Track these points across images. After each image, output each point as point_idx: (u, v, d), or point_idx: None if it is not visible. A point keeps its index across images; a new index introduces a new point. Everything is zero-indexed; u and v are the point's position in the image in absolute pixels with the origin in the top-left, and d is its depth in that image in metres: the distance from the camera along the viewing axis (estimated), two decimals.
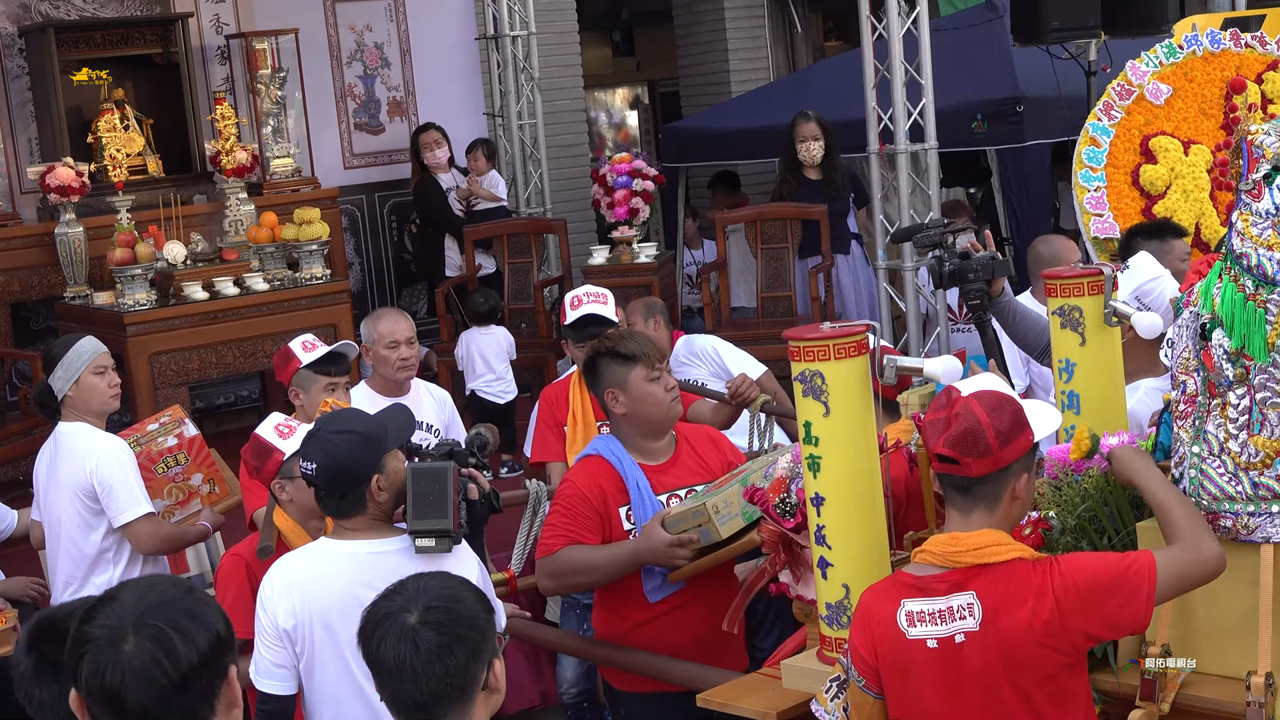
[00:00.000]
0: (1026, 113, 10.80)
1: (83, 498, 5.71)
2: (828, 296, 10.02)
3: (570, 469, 5.11)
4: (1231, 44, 7.73)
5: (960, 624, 3.42)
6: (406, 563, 4.14)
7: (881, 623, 3.53)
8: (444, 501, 4.15)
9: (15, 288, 10.28)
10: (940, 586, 3.45)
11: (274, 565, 4.36)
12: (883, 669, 3.55)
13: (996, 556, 3.43)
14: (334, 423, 4.36)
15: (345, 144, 12.42)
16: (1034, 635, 3.37)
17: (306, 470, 4.26)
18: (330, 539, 4.32)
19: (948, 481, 3.51)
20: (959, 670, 3.43)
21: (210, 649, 2.47)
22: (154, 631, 2.43)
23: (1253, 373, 3.48)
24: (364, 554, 4.21)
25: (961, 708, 3.45)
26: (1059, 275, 4.41)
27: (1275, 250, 3.43)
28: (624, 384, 4.97)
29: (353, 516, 4.25)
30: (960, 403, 3.46)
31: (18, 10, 10.96)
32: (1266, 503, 3.48)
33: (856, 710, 3.66)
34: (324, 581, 4.14)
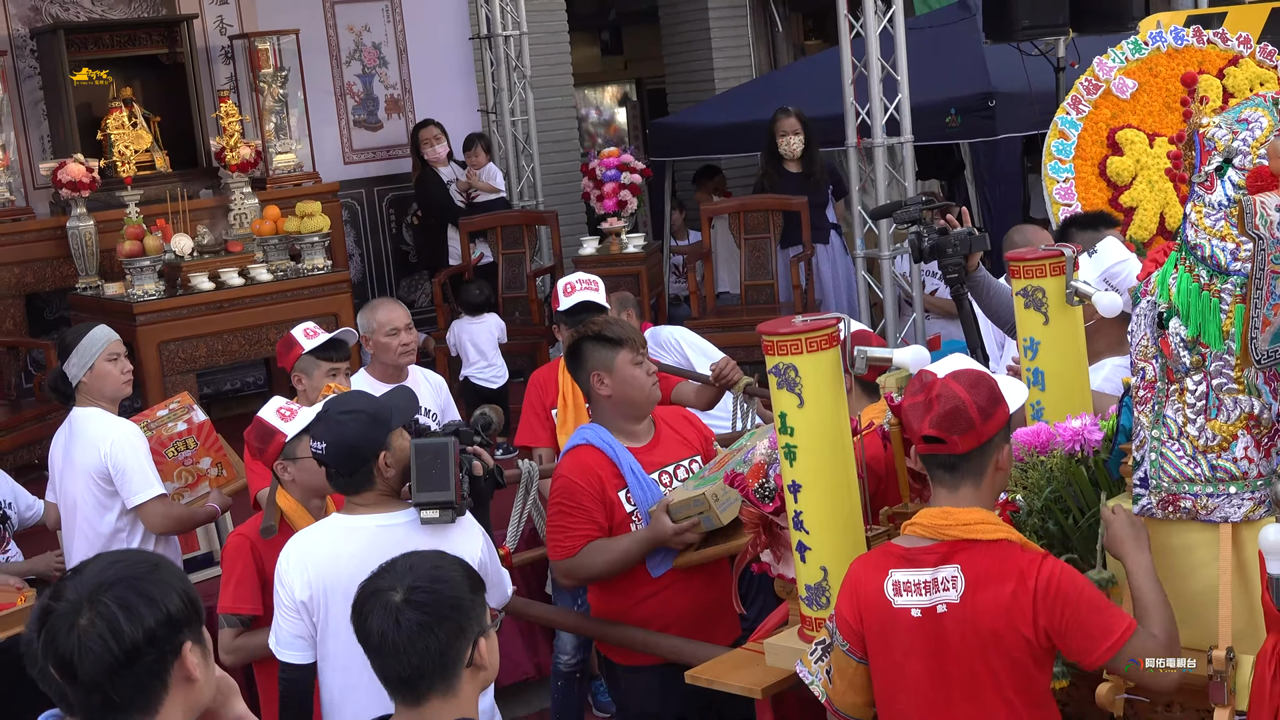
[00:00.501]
0: (998, 107, 10.79)
1: (97, 480, 5.72)
2: (808, 284, 10.04)
3: (561, 463, 5.04)
4: (1194, 40, 7.73)
5: (943, 595, 3.43)
6: (414, 535, 4.20)
7: (869, 591, 3.54)
8: (446, 474, 4.20)
9: (29, 279, 10.28)
10: (928, 558, 3.47)
11: (289, 542, 4.41)
12: (868, 636, 3.56)
13: (985, 534, 3.44)
14: (341, 404, 4.42)
15: (345, 140, 12.40)
16: (1008, 615, 3.37)
17: (317, 450, 4.31)
18: (341, 514, 4.37)
19: (934, 461, 3.51)
20: (940, 641, 3.44)
21: (158, 626, 2.49)
22: (104, 609, 2.46)
23: (1208, 359, 3.49)
24: (374, 528, 4.26)
25: (942, 677, 3.46)
26: (1022, 257, 4.43)
27: (1228, 241, 3.44)
28: (610, 367, 4.97)
29: (362, 493, 4.31)
30: (938, 384, 3.46)
31: (29, 12, 10.93)
32: (1224, 484, 3.49)
33: (839, 673, 3.67)
34: (337, 555, 4.17)
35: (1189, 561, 3.56)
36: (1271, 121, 3.51)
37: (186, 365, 9.38)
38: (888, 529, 4.15)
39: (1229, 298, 3.44)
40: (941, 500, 3.52)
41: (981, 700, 3.43)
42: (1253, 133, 3.49)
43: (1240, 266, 3.42)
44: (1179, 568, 3.58)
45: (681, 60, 15.52)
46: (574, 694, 6.29)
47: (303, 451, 4.86)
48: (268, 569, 4.81)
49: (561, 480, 4.97)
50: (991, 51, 10.92)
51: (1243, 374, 3.46)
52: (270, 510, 4.86)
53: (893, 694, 3.56)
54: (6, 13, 10.84)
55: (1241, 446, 3.47)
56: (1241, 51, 7.75)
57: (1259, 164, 3.44)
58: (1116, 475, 3.84)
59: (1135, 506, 3.61)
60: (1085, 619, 3.37)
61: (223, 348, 9.57)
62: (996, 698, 3.42)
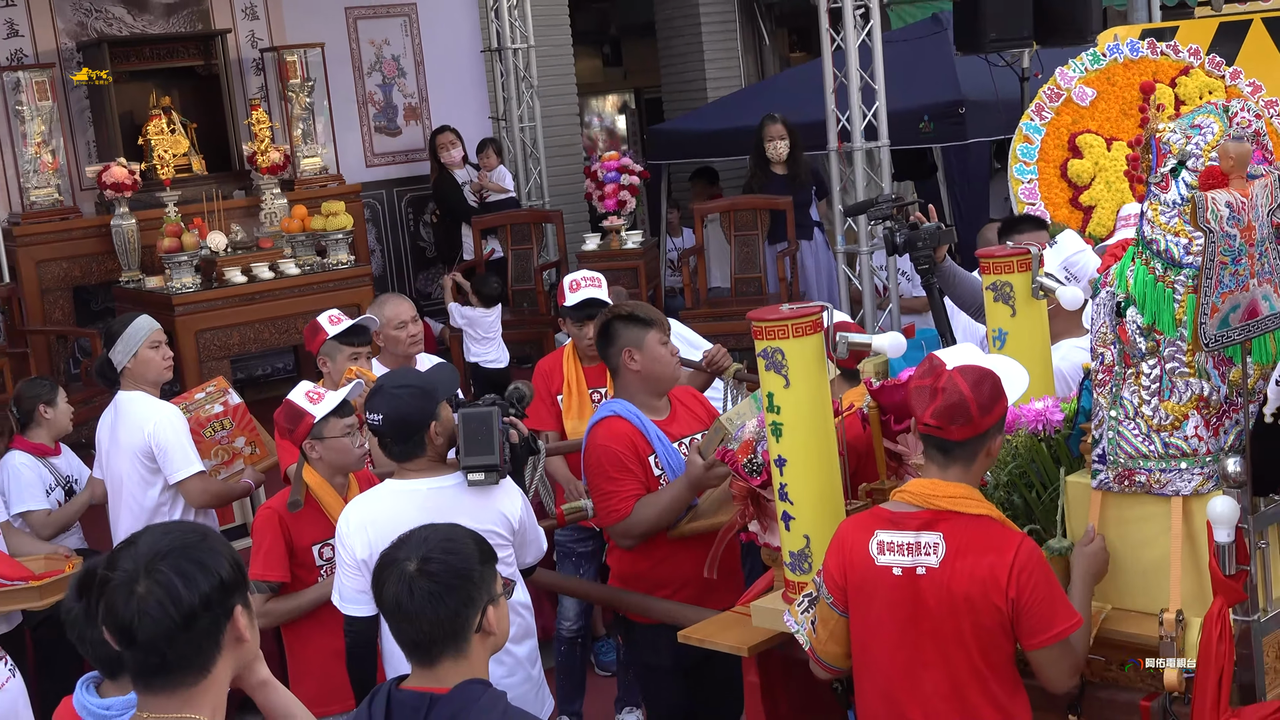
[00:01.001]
0: (968, 114, 10.79)
1: (142, 458, 5.72)
2: (793, 277, 10.03)
3: (595, 434, 4.96)
4: (1149, 52, 7.73)
5: (924, 559, 3.43)
6: (462, 496, 4.30)
7: (854, 548, 3.54)
8: (491, 440, 4.28)
9: (77, 273, 10.28)
10: (912, 522, 3.47)
11: (350, 506, 4.48)
12: (850, 590, 3.56)
13: (968, 508, 3.44)
14: (393, 380, 4.49)
15: (367, 145, 12.38)
16: (984, 585, 3.37)
17: (374, 421, 4.34)
18: (395, 480, 4.42)
19: (931, 441, 3.50)
20: (916, 600, 3.44)
21: (213, 591, 2.48)
22: (162, 577, 2.45)
23: (1162, 345, 3.49)
24: (425, 490, 4.32)
25: (914, 633, 3.46)
26: (992, 254, 4.43)
27: (1181, 236, 3.44)
28: (640, 345, 4.94)
29: (415, 459, 4.37)
30: (946, 376, 3.44)
31: (75, 28, 10.91)
32: (1176, 460, 3.49)
33: (823, 624, 3.68)
34: (394, 516, 4.12)
35: (1143, 532, 3.56)
36: (1221, 127, 3.51)
37: (221, 352, 9.38)
38: (865, 503, 4.15)
39: (1181, 289, 3.44)
40: (931, 474, 3.52)
41: (950, 661, 3.43)
42: (1205, 137, 3.49)
43: (1192, 260, 3.42)
44: (1134, 537, 3.58)
45: (676, 71, 15.50)
46: (576, 656, 6.29)
47: (330, 431, 4.86)
48: (294, 539, 4.83)
49: (599, 449, 4.89)
50: (961, 62, 10.91)
51: (1194, 359, 3.46)
52: (297, 486, 4.86)
53: (866, 645, 3.57)
54: (55, 28, 10.83)
55: (1192, 426, 3.48)
56: (1192, 62, 7.75)
57: (1210, 165, 3.44)
58: (1077, 453, 3.84)
59: (1094, 481, 3.62)
60: (1045, 603, 3.38)
61: (254, 336, 9.58)
62: (964, 659, 3.42)
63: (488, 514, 4.36)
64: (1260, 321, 3.45)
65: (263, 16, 11.71)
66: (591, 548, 6.15)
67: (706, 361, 6.07)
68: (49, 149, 10.25)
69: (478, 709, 2.87)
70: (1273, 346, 3.54)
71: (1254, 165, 3.51)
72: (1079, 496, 3.67)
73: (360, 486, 5.00)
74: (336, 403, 4.91)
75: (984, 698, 3.43)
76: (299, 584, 4.84)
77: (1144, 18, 10.73)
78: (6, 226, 10.18)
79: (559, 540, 6.10)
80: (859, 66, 9.42)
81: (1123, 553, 3.59)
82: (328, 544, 4.85)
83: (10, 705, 4.33)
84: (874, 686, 3.56)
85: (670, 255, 12.60)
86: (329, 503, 4.86)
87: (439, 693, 2.92)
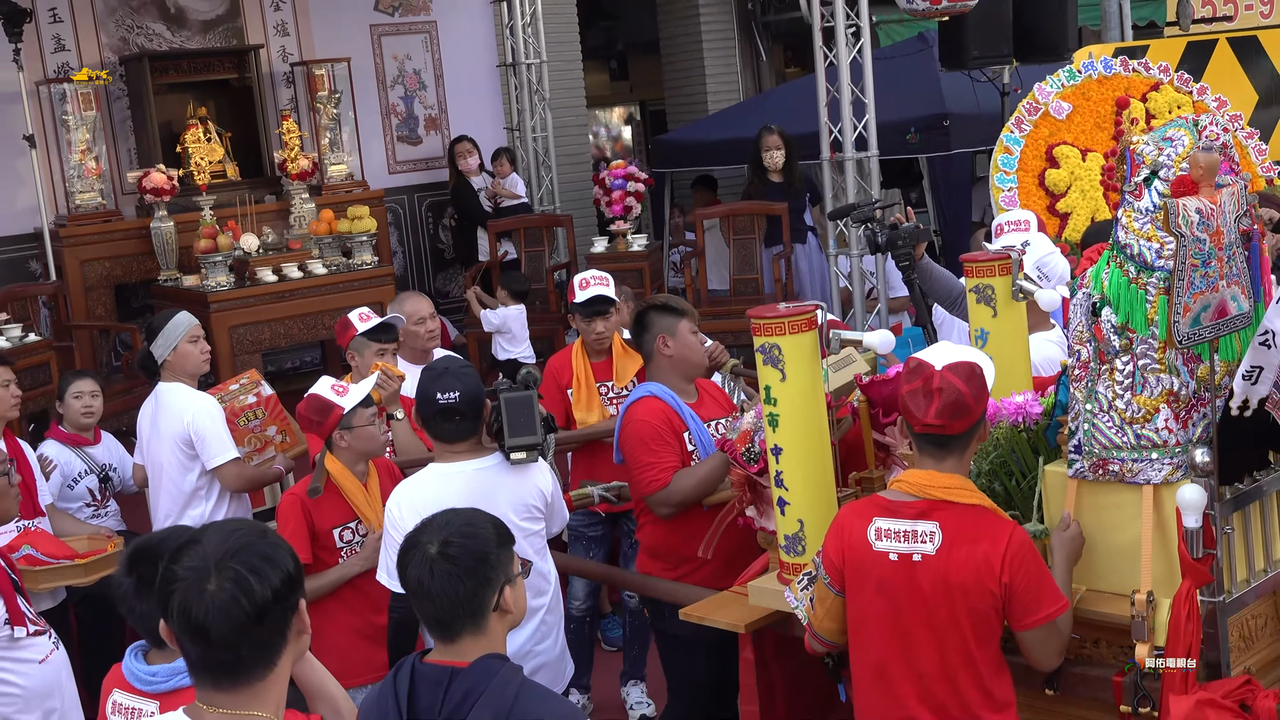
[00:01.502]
0: (952, 126, 10.77)
1: (181, 446, 5.70)
2: (788, 278, 10.00)
3: (632, 412, 4.88)
4: (1121, 69, 7.71)
5: (921, 546, 3.41)
6: (504, 475, 4.32)
7: (853, 533, 3.52)
8: (533, 421, 4.30)
9: (118, 272, 10.29)
10: (908, 511, 3.44)
11: (398, 489, 4.46)
12: (847, 573, 3.54)
13: (962, 498, 3.42)
14: (454, 363, 4.53)
15: (390, 153, 12.37)
16: (978, 572, 3.35)
17: (450, 399, 4.30)
18: (438, 464, 4.41)
19: (928, 439, 3.44)
20: (911, 585, 3.42)
21: (282, 585, 2.39)
22: (233, 573, 2.35)
23: (1135, 343, 3.48)
24: (471, 471, 4.33)
25: (908, 616, 3.44)
26: (975, 259, 4.41)
27: (1154, 241, 3.42)
28: (674, 332, 4.91)
29: (466, 440, 4.37)
30: (938, 376, 3.40)
31: (118, 43, 10.92)
32: (1147, 451, 3.48)
33: (820, 602, 3.66)
34: (442, 496, 4.07)
35: (1116, 518, 3.55)
36: (1191, 139, 3.50)
37: (253, 346, 9.39)
38: (855, 491, 4.15)
39: (1153, 290, 3.43)
40: (926, 466, 3.48)
41: (943, 642, 3.41)
42: (1176, 149, 3.48)
43: (1163, 263, 3.41)
44: (1108, 523, 3.57)
45: (679, 85, 15.48)
46: (585, 633, 6.27)
47: (358, 421, 4.86)
48: (316, 523, 4.82)
49: (638, 424, 4.82)
50: (946, 78, 10.89)
51: (1165, 356, 3.45)
52: (318, 474, 4.86)
53: (861, 625, 3.55)
54: (99, 43, 10.84)
55: (1163, 418, 3.46)
56: (1162, 79, 7.74)
57: (1181, 174, 3.44)
58: (1054, 443, 3.83)
59: (1070, 470, 3.60)
60: (1035, 588, 3.37)
61: (284, 331, 9.58)
62: (957, 641, 3.40)
63: (527, 490, 4.39)
64: (1229, 321, 3.45)
65: (293, 33, 11.71)
66: (601, 532, 6.14)
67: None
68: (93, 156, 10.25)
69: (496, 682, 2.86)
70: (1238, 345, 3.55)
71: (1222, 175, 3.50)
72: (1056, 484, 3.66)
73: (379, 473, 5.00)
74: (364, 394, 4.91)
75: (972, 677, 3.41)
76: (320, 565, 4.82)
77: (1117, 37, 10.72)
78: (53, 228, 10.18)
79: (571, 524, 6.08)
80: (850, 81, 9.40)
81: (1097, 537, 3.57)
82: (347, 527, 4.86)
83: (54, 675, 4.34)
84: (867, 665, 3.55)
85: (673, 258, 12.58)
86: (349, 489, 4.86)
87: (459, 666, 2.91)
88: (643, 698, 6.14)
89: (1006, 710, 3.45)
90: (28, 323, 9.13)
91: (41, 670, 4.27)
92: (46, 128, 10.44)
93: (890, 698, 3.50)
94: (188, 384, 5.82)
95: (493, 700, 2.84)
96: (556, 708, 2.94)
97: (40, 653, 4.26)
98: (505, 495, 4.31)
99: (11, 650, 4.17)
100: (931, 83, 11.18)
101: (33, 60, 10.34)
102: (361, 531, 4.86)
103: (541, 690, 2.99)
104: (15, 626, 4.17)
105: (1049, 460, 3.77)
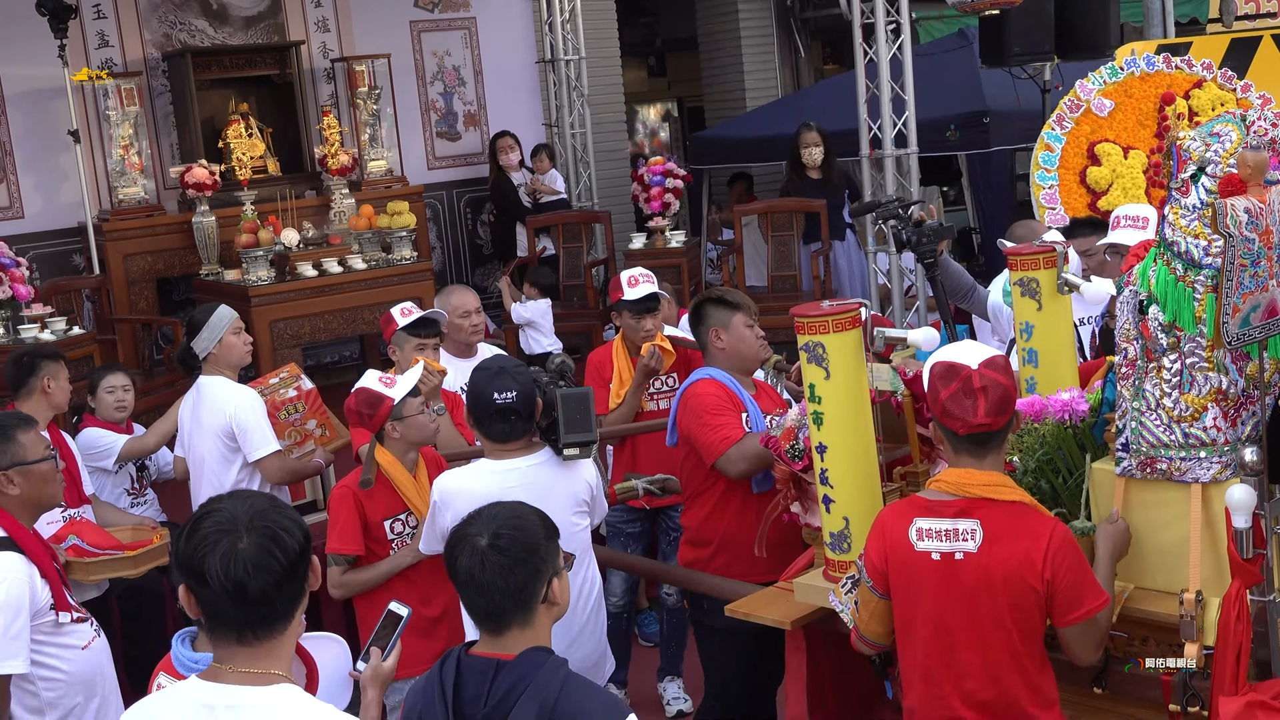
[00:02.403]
0: (992, 123, 10.73)
1: (223, 438, 5.74)
2: (826, 275, 9.99)
3: (694, 387, 4.88)
4: (1164, 66, 7.65)
5: (962, 544, 3.40)
6: (556, 470, 4.35)
7: (894, 534, 3.50)
8: (589, 418, 4.30)
9: (160, 266, 10.34)
10: (948, 510, 3.43)
11: (449, 476, 4.49)
12: (891, 574, 3.53)
13: (1002, 495, 3.40)
14: (508, 362, 4.54)
15: (429, 149, 12.40)
16: (1021, 568, 3.34)
17: (507, 399, 4.31)
18: (490, 460, 4.41)
19: (972, 439, 3.41)
20: (954, 583, 3.41)
21: (305, 541, 2.53)
22: (263, 531, 2.47)
23: (1183, 341, 3.45)
24: (524, 468, 4.34)
25: (952, 615, 3.43)
26: (1020, 251, 4.37)
27: (1201, 239, 3.40)
28: (727, 325, 4.93)
29: (520, 438, 4.37)
30: (977, 375, 3.37)
31: (161, 39, 10.97)
32: (1195, 449, 3.46)
33: (864, 605, 3.65)
34: (502, 492, 3.98)
35: (1164, 516, 3.53)
36: (1240, 135, 3.47)
37: (293, 341, 9.42)
38: (900, 486, 4.13)
39: (1201, 288, 3.41)
40: (965, 465, 3.46)
41: (987, 641, 3.40)
42: (1223, 145, 3.45)
43: (1211, 261, 3.38)
44: (1155, 521, 3.55)
45: (717, 81, 15.46)
46: (622, 629, 6.28)
47: (408, 411, 4.88)
48: (368, 515, 4.83)
49: (702, 395, 4.81)
50: (986, 75, 10.85)
51: (1213, 354, 3.43)
52: (368, 465, 4.87)
53: (907, 627, 3.54)
54: (142, 39, 10.89)
55: (1211, 417, 3.44)
56: (1205, 76, 7.67)
57: (1229, 172, 3.41)
58: (1101, 441, 3.81)
59: (1118, 467, 3.58)
60: (1077, 585, 3.35)
61: (324, 326, 9.61)
62: (1002, 638, 3.39)
63: (578, 484, 4.41)
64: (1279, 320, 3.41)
65: (334, 29, 11.75)
66: (639, 528, 6.15)
67: None
68: (135, 151, 10.31)
69: (541, 674, 2.88)
70: None
71: (1272, 171, 3.46)
72: (1103, 482, 3.64)
73: (426, 464, 5.02)
74: (411, 385, 4.93)
75: (1018, 674, 3.40)
76: (372, 557, 4.84)
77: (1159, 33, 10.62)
78: (97, 223, 10.25)
79: (609, 520, 6.09)
80: (890, 78, 9.37)
81: (1144, 535, 3.56)
82: (398, 519, 4.87)
83: (96, 662, 4.39)
84: (914, 666, 3.54)
85: (710, 254, 12.57)
86: (400, 480, 4.87)
87: (505, 659, 2.92)
88: (679, 693, 6.15)
89: (1052, 708, 3.44)
90: (71, 316, 9.20)
91: (84, 656, 4.32)
92: (90, 123, 10.51)
93: (937, 698, 3.49)
94: (229, 377, 5.85)
95: (538, 693, 2.85)
96: (601, 701, 2.94)
97: (83, 639, 4.32)
98: (560, 491, 4.32)
99: (56, 636, 4.23)
100: (972, 79, 11.14)
101: (77, 56, 10.40)
102: (412, 523, 4.87)
103: (586, 683, 2.99)
104: (60, 612, 4.23)
105: (1096, 458, 3.75)
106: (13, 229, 10.12)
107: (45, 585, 4.20)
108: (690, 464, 4.92)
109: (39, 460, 4.35)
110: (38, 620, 4.16)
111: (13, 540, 4.20)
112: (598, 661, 4.51)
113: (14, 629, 4.05)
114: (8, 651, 4.03)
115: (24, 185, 10.43)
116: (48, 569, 4.26)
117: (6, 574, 4.08)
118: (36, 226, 10.42)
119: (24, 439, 4.34)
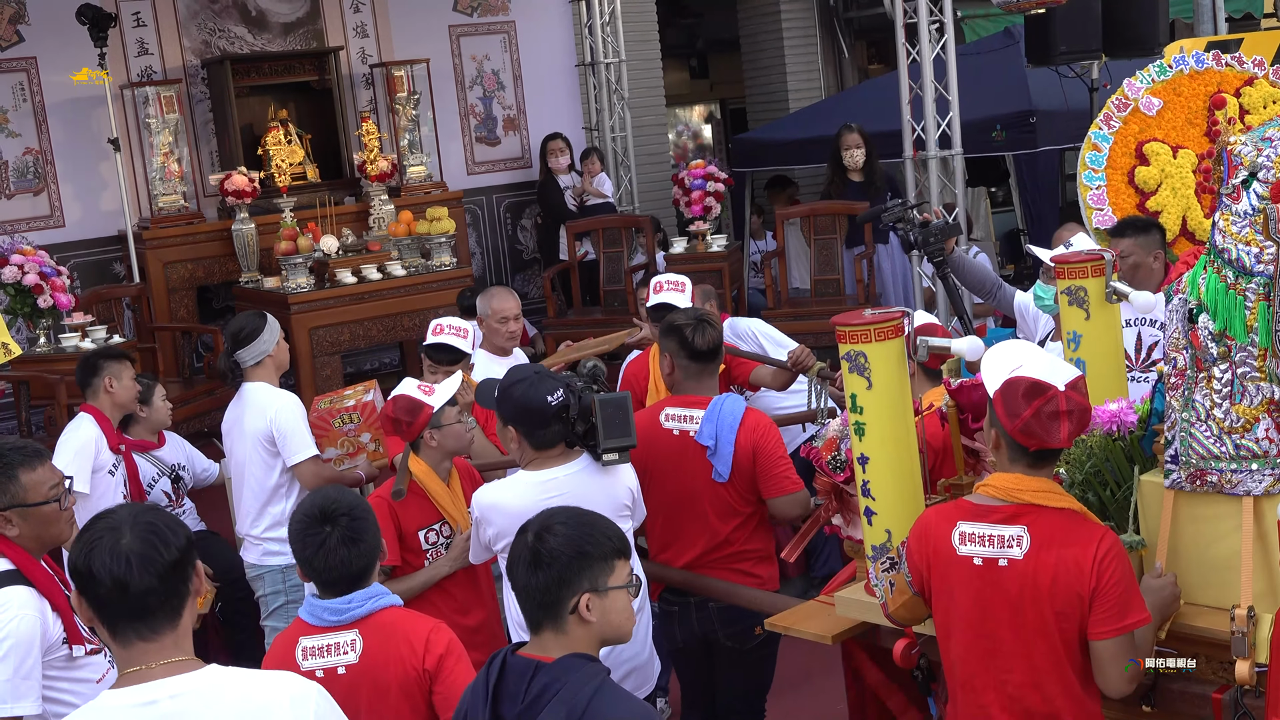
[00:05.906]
0: (1038, 123, 10.65)
1: (263, 443, 5.76)
2: (870, 279, 9.94)
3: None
4: (1214, 63, 7.56)
5: (1007, 551, 3.36)
6: (595, 476, 4.37)
7: (937, 536, 3.48)
8: (628, 423, 4.31)
9: (200, 274, 10.43)
10: (994, 516, 3.39)
11: (489, 492, 4.48)
12: (931, 575, 3.51)
13: (1052, 502, 3.37)
14: (540, 367, 4.59)
15: (468, 154, 12.43)
16: (1069, 575, 3.30)
17: (560, 399, 4.31)
18: (527, 472, 4.42)
19: (1039, 454, 3.38)
20: (997, 590, 3.37)
21: (187, 543, 2.62)
22: (145, 528, 2.58)
23: (1234, 351, 3.40)
24: (562, 477, 4.35)
25: (993, 621, 3.40)
26: (1067, 260, 4.31)
27: (1252, 245, 3.35)
28: None
29: (558, 445, 4.38)
30: (1063, 397, 3.32)
31: (200, 46, 11.05)
32: (1247, 461, 3.40)
33: (899, 592, 3.63)
34: (536, 506, 4.06)
35: (1215, 530, 3.47)
36: None
37: (332, 348, 9.47)
38: (944, 498, 4.09)
39: (1252, 296, 3.35)
40: (1017, 472, 3.42)
41: (1031, 650, 3.36)
42: (1276, 149, 3.39)
43: (1263, 268, 3.33)
44: (1206, 535, 3.49)
45: (760, 83, 15.43)
46: None
47: (446, 419, 4.88)
48: (403, 525, 4.83)
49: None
50: (1032, 74, 10.78)
51: (1265, 363, 3.37)
52: (402, 475, 4.88)
53: (947, 632, 3.51)
54: (181, 46, 10.98)
55: (1263, 428, 3.38)
56: (1256, 73, 7.57)
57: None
58: (1150, 453, 3.75)
59: (1167, 480, 3.53)
60: (1121, 595, 3.30)
61: (363, 333, 9.66)
62: (1046, 648, 3.35)
63: (619, 489, 4.43)
64: None
65: (372, 35, 11.80)
66: None
67: (791, 361, 6.02)
68: (175, 158, 10.39)
69: (575, 680, 2.87)
70: None
71: None
72: (1152, 494, 3.59)
73: (459, 473, 5.03)
74: (450, 394, 4.94)
75: (1061, 686, 3.36)
76: (408, 568, 4.83)
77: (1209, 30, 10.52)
78: (136, 230, 10.33)
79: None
80: (934, 78, 9.32)
81: (1194, 550, 3.50)
82: (433, 529, 4.87)
83: None
84: (955, 673, 3.51)
85: (753, 258, 12.54)
86: (435, 490, 4.87)
87: (544, 661, 2.93)
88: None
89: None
90: (112, 324, 9.28)
91: (99, 690, 4.23)
92: (130, 131, 10.59)
93: (976, 706, 3.46)
94: (272, 383, 5.89)
95: (568, 698, 2.86)
96: (632, 710, 2.93)
97: (97, 672, 4.12)
98: (601, 497, 4.31)
99: (69, 670, 4.05)
100: (1018, 79, 11.06)
101: (117, 64, 10.49)
102: (446, 533, 4.87)
103: (620, 693, 2.97)
104: (74, 645, 4.11)
105: (1145, 470, 3.69)
106: (53, 238, 10.21)
107: (57, 619, 4.02)
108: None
109: (41, 503, 4.06)
110: (50, 656, 4.00)
111: (22, 574, 4.01)
112: (646, 661, 4.50)
113: (25, 668, 3.90)
114: (19, 692, 3.88)
115: (64, 194, 10.53)
116: (59, 601, 4.06)
117: (17, 610, 3.91)
118: (77, 235, 10.51)
119: (26, 478, 4.05)
